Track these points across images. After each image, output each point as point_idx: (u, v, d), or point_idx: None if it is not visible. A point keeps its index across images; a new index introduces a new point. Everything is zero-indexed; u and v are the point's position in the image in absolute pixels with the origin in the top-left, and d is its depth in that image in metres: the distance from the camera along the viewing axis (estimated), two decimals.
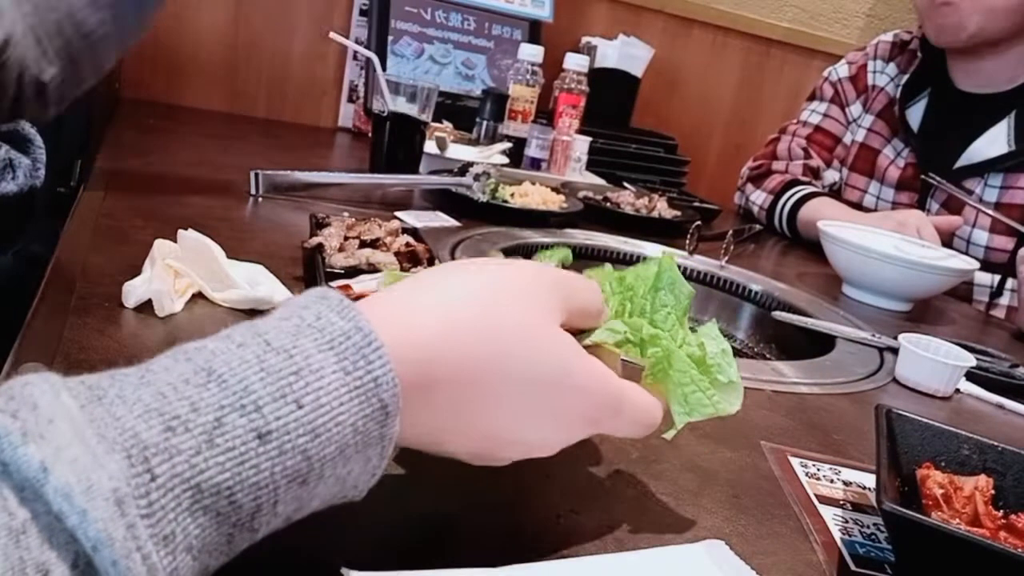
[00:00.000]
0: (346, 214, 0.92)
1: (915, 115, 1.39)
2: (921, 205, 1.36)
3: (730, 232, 1.12)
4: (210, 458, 0.26)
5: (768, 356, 0.99)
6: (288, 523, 0.30)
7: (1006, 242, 1.27)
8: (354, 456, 0.30)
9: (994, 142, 1.29)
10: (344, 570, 0.34)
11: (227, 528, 0.27)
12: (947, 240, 1.27)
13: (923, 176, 1.35)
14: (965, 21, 1.24)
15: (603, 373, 0.38)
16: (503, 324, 0.35)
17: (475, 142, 1.40)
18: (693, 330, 0.43)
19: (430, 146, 1.18)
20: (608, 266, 0.46)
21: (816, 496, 0.52)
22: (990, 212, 1.25)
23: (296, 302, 0.32)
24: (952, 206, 1.32)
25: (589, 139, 1.51)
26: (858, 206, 1.45)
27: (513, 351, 0.35)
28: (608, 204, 1.23)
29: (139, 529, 0.24)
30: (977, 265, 1.12)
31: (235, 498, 0.27)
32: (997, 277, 1.27)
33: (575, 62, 1.49)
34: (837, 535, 0.48)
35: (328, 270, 0.64)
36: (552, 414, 0.37)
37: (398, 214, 0.97)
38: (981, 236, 1.30)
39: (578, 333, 0.39)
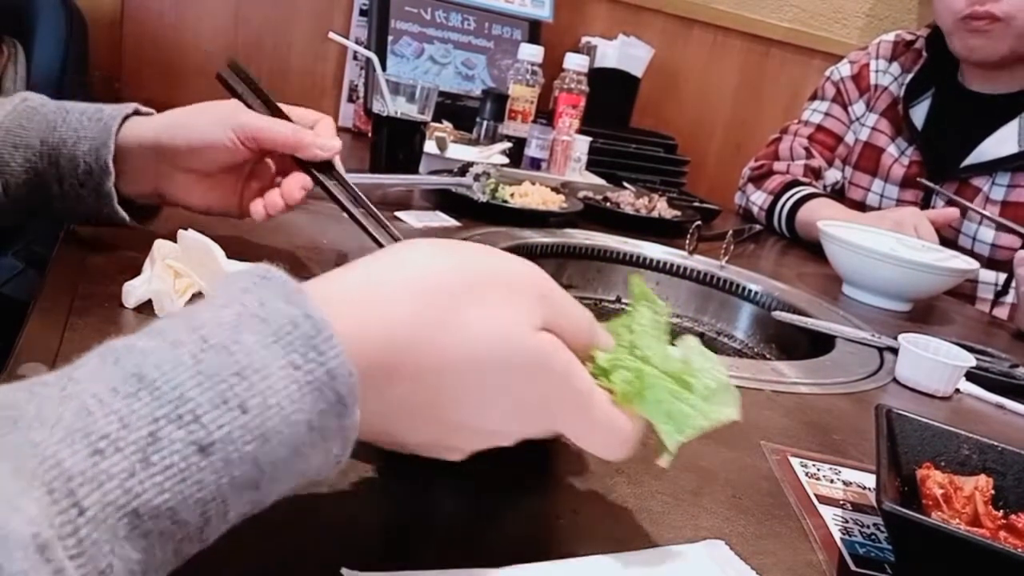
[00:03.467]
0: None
1: (919, 114, 1.39)
2: (926, 203, 1.36)
3: (730, 232, 1.12)
4: (146, 479, 0.24)
5: (768, 356, 0.99)
6: (244, 519, 0.28)
7: (1012, 240, 1.27)
8: (311, 452, 0.28)
9: (1004, 142, 1.29)
10: (344, 570, 0.33)
11: (173, 545, 0.25)
12: (946, 232, 1.28)
13: (919, 179, 1.35)
14: (999, 45, 1.24)
15: (575, 369, 0.35)
16: (470, 320, 0.32)
17: (475, 142, 1.40)
18: (676, 348, 0.40)
19: (430, 146, 1.18)
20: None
21: (816, 496, 0.52)
22: (989, 214, 1.25)
23: (236, 283, 0.29)
24: (956, 204, 1.32)
25: (589, 139, 1.51)
26: (862, 205, 1.45)
27: (479, 343, 0.32)
28: (608, 204, 1.23)
29: (68, 573, 0.21)
30: (977, 265, 1.12)
31: (179, 517, 0.24)
32: (1003, 276, 1.27)
33: (575, 62, 1.49)
34: (837, 535, 0.48)
35: None
36: (516, 402, 0.34)
37: (398, 214, 0.97)
38: (987, 234, 1.30)
39: None
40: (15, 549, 0.20)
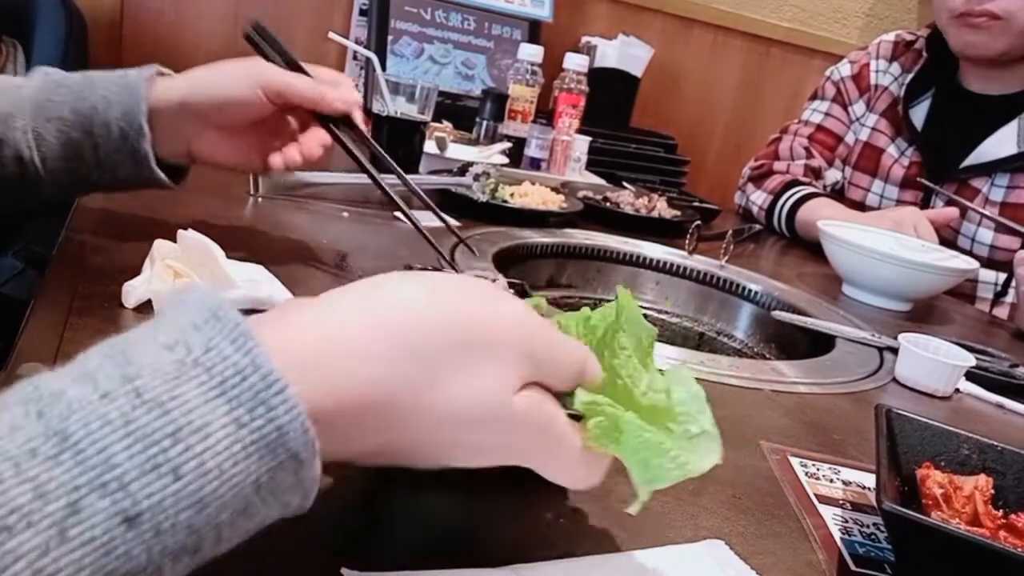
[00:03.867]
0: (345, 214, 0.93)
1: (919, 114, 1.39)
2: (925, 203, 1.36)
3: (730, 232, 1.12)
4: (62, 556, 0.21)
5: (768, 356, 0.99)
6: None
7: (1011, 241, 1.27)
8: (263, 510, 0.26)
9: (1004, 143, 1.29)
10: (344, 570, 0.33)
11: None
12: (945, 232, 1.28)
13: (918, 180, 1.35)
14: (995, 42, 1.25)
15: (554, 422, 0.34)
16: (450, 383, 0.30)
17: (475, 142, 1.40)
18: (662, 372, 0.39)
19: (430, 146, 1.18)
20: (585, 309, 0.42)
21: (816, 496, 0.52)
22: (989, 214, 1.25)
23: (185, 315, 0.26)
24: (956, 205, 1.32)
25: (589, 139, 1.51)
26: (862, 205, 1.45)
27: (457, 405, 0.31)
28: (608, 204, 1.23)
29: None
30: (977, 265, 1.12)
31: None
32: (1002, 276, 1.27)
33: (575, 62, 1.49)
34: (837, 535, 0.48)
35: None
36: (492, 453, 0.34)
37: (398, 214, 0.97)
38: (986, 235, 1.30)
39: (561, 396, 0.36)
40: None
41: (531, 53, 1.44)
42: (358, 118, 0.69)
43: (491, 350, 0.32)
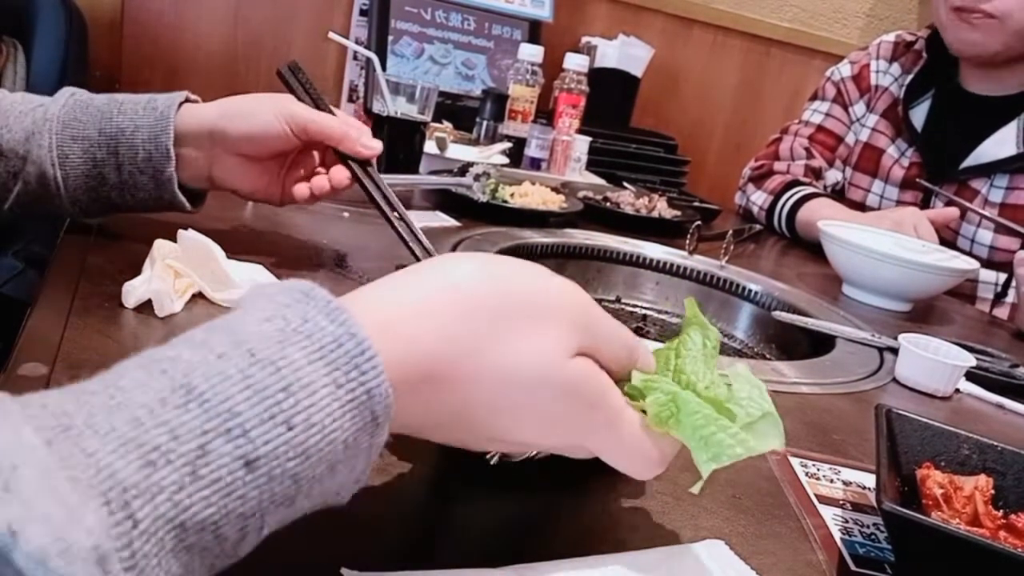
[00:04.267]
0: (346, 214, 0.93)
1: (919, 115, 1.39)
2: (925, 204, 1.36)
3: (730, 232, 1.12)
4: (194, 493, 0.24)
5: (768, 356, 0.99)
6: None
7: (1011, 242, 1.27)
8: (343, 470, 0.28)
9: (1003, 143, 1.29)
10: (344, 570, 0.34)
11: (210, 559, 0.25)
12: (945, 233, 1.28)
13: (917, 180, 1.35)
14: (991, 41, 1.25)
15: (608, 393, 0.36)
16: (507, 344, 0.32)
17: (475, 142, 1.40)
18: (724, 375, 0.40)
19: (430, 146, 1.18)
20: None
21: (816, 496, 0.52)
22: (988, 215, 1.25)
23: (276, 298, 0.29)
24: (955, 205, 1.32)
25: (589, 139, 1.51)
26: (862, 205, 1.45)
27: (514, 367, 0.33)
28: (608, 204, 1.23)
29: None
30: (977, 265, 1.12)
31: (221, 531, 0.25)
32: (1003, 276, 1.27)
33: (575, 62, 1.49)
34: (837, 535, 0.48)
35: None
36: (548, 422, 0.35)
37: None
38: (986, 236, 1.30)
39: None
40: (77, 560, 0.20)
41: (531, 53, 1.44)
42: (375, 169, 0.72)
43: (547, 314, 0.34)
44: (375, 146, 0.69)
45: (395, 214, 0.71)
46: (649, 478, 0.38)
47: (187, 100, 0.65)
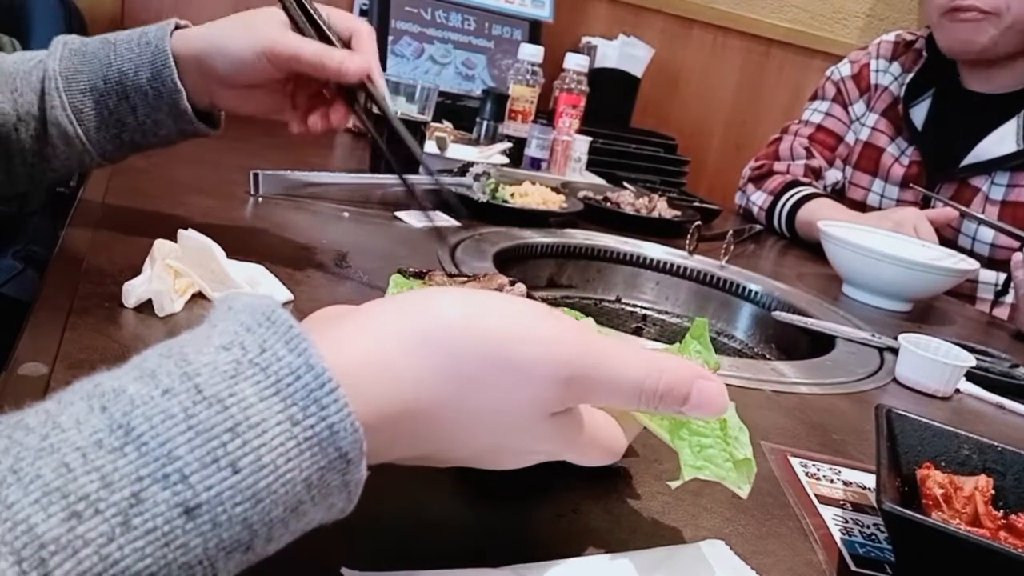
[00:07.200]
0: (346, 214, 0.93)
1: (919, 114, 1.39)
2: (926, 203, 1.36)
3: (730, 232, 1.12)
4: (126, 545, 0.22)
5: (768, 356, 0.99)
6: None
7: (1011, 240, 1.27)
8: (312, 509, 0.27)
9: (1003, 141, 1.29)
10: (344, 570, 0.33)
11: None
12: (946, 232, 1.28)
13: (912, 185, 1.35)
14: (979, 37, 1.25)
15: (585, 433, 0.35)
16: (486, 403, 0.31)
17: (475, 142, 1.40)
18: None
19: (430, 146, 1.18)
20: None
21: (816, 496, 0.52)
22: (984, 217, 1.25)
23: (238, 318, 0.27)
24: (954, 208, 1.32)
25: (589, 139, 1.51)
26: (862, 204, 1.45)
27: (494, 423, 0.32)
28: (608, 204, 1.23)
29: None
30: (977, 265, 1.12)
31: None
32: (1002, 276, 1.27)
33: (575, 62, 1.49)
34: (837, 535, 0.48)
35: None
36: (527, 455, 0.35)
37: (398, 214, 0.97)
38: (987, 234, 1.30)
39: None
40: None
41: (531, 53, 1.44)
42: (378, 84, 0.66)
43: (524, 374, 0.31)
44: (361, 66, 0.63)
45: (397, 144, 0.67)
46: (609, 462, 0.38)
47: (177, 27, 0.63)
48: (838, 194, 1.50)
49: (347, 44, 0.65)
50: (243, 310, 0.28)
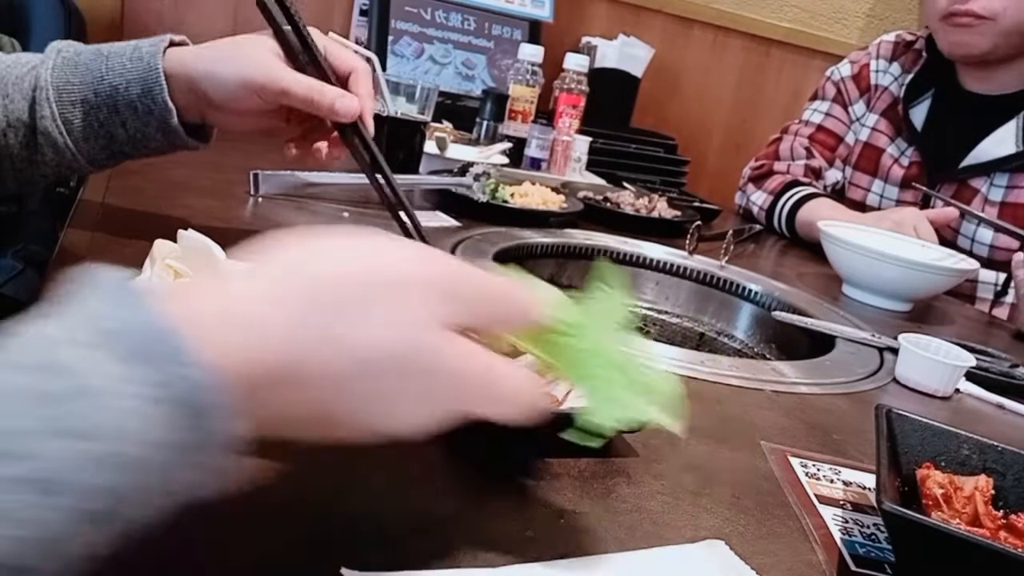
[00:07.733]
0: (345, 214, 0.93)
1: (919, 115, 1.39)
2: (925, 203, 1.36)
3: (730, 232, 1.12)
4: None
5: (768, 356, 0.99)
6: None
7: (1011, 241, 1.27)
8: (186, 472, 0.26)
9: (1002, 142, 1.29)
10: (344, 570, 0.33)
11: None
12: (945, 232, 1.28)
13: (914, 185, 1.35)
14: (980, 41, 1.25)
15: (474, 359, 0.33)
16: (354, 331, 0.30)
17: (475, 142, 1.40)
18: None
19: (430, 146, 1.18)
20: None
21: (816, 496, 0.52)
22: (985, 216, 1.26)
23: (71, 291, 0.27)
24: (954, 207, 1.32)
25: (589, 139, 1.51)
26: (862, 205, 1.45)
27: (367, 351, 0.30)
28: (608, 204, 1.23)
29: None
30: (977, 265, 1.12)
31: (24, 564, 0.22)
32: (1002, 276, 1.27)
33: (575, 62, 1.49)
34: (837, 535, 0.48)
35: None
36: (423, 398, 0.32)
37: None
38: (986, 234, 1.30)
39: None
40: None
41: (531, 53, 1.44)
42: (369, 121, 0.67)
43: (403, 286, 0.31)
44: (348, 110, 0.63)
45: (386, 187, 0.67)
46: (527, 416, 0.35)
47: (171, 44, 0.63)
48: (838, 194, 1.50)
49: (344, 81, 0.66)
50: (79, 282, 0.27)
